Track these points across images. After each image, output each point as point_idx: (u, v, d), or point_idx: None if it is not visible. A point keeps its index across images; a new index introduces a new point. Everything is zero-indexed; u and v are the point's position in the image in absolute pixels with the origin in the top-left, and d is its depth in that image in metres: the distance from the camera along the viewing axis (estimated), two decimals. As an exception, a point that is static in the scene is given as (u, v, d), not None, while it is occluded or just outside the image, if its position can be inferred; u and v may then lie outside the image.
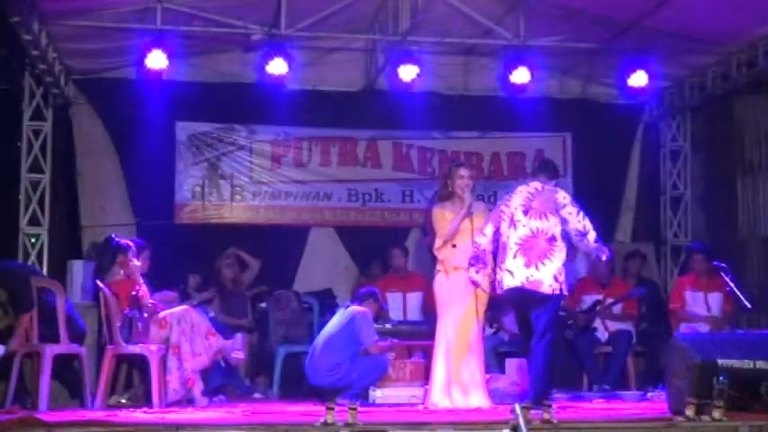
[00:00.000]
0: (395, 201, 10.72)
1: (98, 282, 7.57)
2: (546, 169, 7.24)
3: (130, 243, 7.80)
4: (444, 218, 7.23)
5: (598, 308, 9.06)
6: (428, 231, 7.81)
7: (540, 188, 6.99)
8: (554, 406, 5.68)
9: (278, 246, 10.31)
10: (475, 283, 7.02)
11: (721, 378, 5.89)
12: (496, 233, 6.99)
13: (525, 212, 6.87)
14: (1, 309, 7.28)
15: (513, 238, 6.85)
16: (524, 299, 6.88)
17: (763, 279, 9.83)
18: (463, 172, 7.27)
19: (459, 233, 7.16)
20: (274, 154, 10.60)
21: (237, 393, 8.58)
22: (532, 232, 6.83)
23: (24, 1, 8.07)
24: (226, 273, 9.34)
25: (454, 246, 7.18)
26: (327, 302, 9.44)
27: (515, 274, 6.80)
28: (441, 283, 7.22)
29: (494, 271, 7.03)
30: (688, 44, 9.36)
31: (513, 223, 6.88)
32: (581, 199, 7.33)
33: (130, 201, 10.19)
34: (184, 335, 7.45)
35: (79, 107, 10.23)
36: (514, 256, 6.82)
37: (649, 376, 9.00)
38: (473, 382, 7.04)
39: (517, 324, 7.39)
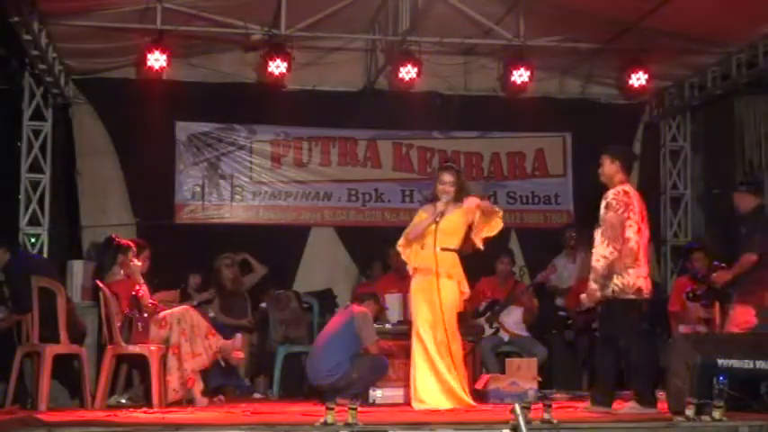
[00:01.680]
0: (395, 201, 10.71)
1: (98, 282, 7.57)
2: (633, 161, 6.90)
3: (131, 243, 7.81)
4: (419, 219, 7.14)
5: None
6: None
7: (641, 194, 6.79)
8: (553, 406, 5.68)
9: (278, 246, 10.31)
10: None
11: (721, 378, 5.89)
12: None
13: (642, 219, 6.69)
14: (7, 305, 7.34)
15: (641, 244, 6.63)
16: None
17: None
18: (445, 177, 7.08)
19: (426, 236, 7.02)
20: (274, 154, 10.60)
21: (237, 393, 8.59)
22: (648, 239, 6.72)
23: (24, 1, 8.07)
24: (225, 273, 9.33)
25: (423, 248, 7.07)
26: (327, 302, 9.44)
27: (648, 280, 6.65)
28: (413, 285, 7.12)
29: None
30: (688, 44, 9.36)
31: (640, 230, 6.64)
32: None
33: (130, 201, 10.19)
34: (184, 335, 7.45)
35: (79, 107, 10.24)
36: (646, 263, 6.66)
37: (649, 376, 8.98)
38: (451, 382, 6.90)
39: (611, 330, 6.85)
